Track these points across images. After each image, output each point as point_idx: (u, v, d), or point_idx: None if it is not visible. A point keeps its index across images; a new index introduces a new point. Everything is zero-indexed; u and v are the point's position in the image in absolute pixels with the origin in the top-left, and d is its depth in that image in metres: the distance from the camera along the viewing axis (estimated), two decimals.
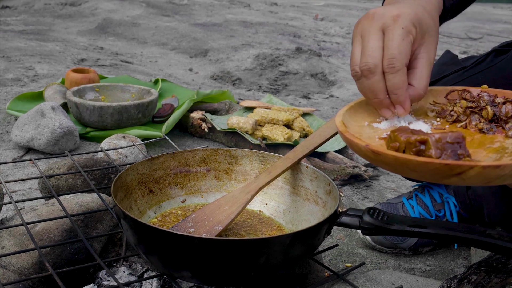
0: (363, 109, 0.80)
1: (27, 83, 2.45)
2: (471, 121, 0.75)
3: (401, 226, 0.77)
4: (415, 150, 0.61)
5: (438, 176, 0.58)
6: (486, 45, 4.56)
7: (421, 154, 0.60)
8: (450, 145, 0.60)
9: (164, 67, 3.27)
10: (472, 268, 0.82)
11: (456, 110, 0.77)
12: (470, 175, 0.57)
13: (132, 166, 0.96)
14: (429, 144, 0.60)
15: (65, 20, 4.64)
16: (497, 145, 0.68)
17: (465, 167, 0.56)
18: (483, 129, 0.73)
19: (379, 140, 0.72)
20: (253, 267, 0.76)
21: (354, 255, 1.28)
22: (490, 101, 0.75)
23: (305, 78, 3.23)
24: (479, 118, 0.75)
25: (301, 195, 0.98)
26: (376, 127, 0.76)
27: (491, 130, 0.72)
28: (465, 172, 0.56)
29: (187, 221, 0.91)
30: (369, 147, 0.63)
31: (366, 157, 0.66)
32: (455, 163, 0.57)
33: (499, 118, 0.74)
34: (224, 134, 1.92)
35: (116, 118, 1.86)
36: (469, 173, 0.56)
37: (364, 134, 0.74)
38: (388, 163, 0.62)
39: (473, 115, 0.75)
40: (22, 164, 1.65)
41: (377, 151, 0.62)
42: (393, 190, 1.67)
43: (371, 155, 0.63)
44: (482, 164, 0.56)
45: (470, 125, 0.75)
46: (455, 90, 0.81)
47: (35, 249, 0.84)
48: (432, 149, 0.60)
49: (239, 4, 5.97)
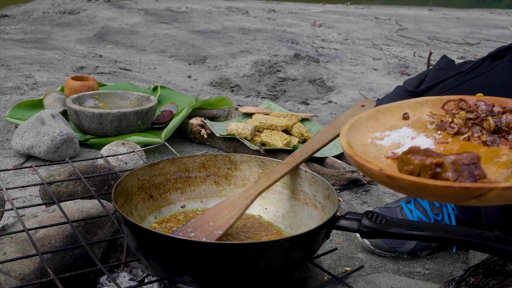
0: (362, 126, 0.80)
1: (26, 91, 2.46)
2: (474, 134, 0.74)
3: (399, 229, 0.78)
4: (431, 173, 0.60)
5: (457, 199, 0.58)
6: (483, 50, 4.58)
7: (438, 177, 0.59)
8: (467, 167, 0.59)
9: (163, 74, 3.28)
10: (470, 271, 0.83)
11: (456, 122, 0.76)
12: (490, 197, 0.56)
13: (132, 172, 0.96)
14: (445, 167, 0.59)
15: (64, 28, 4.66)
16: (504, 159, 0.67)
17: (485, 190, 0.55)
18: (487, 141, 0.72)
19: (386, 160, 0.71)
20: (253, 271, 0.77)
21: (353, 259, 1.28)
22: (488, 111, 0.75)
23: (303, 84, 3.24)
24: (480, 130, 0.74)
25: (300, 200, 0.99)
26: (379, 145, 0.75)
27: (495, 142, 0.72)
28: (485, 194, 0.56)
29: (187, 226, 0.91)
30: (383, 172, 0.61)
31: (379, 181, 0.64)
32: (474, 186, 0.56)
33: (501, 128, 0.73)
34: (223, 140, 1.93)
35: (116, 125, 1.87)
36: (488, 195, 0.56)
37: (370, 153, 0.73)
38: (404, 187, 0.61)
39: (474, 126, 0.75)
40: (23, 171, 1.65)
41: (392, 176, 0.61)
42: (392, 195, 1.67)
43: (386, 180, 0.62)
44: (502, 186, 0.55)
45: (473, 137, 0.74)
46: (451, 100, 0.81)
47: (37, 255, 0.85)
48: (449, 171, 0.59)
49: (237, 11, 5.99)
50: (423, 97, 0.85)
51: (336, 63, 3.79)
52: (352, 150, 0.70)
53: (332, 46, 4.38)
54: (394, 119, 0.82)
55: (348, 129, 0.76)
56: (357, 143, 0.75)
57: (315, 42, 4.50)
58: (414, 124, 0.81)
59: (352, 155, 0.68)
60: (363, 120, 0.80)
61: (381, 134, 0.79)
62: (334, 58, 3.95)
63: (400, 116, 0.82)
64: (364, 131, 0.78)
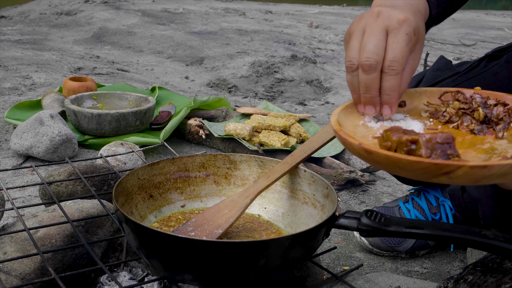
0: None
1: (24, 92, 2.46)
2: (463, 122, 0.77)
3: (398, 228, 0.79)
4: (406, 149, 0.62)
5: (427, 175, 0.60)
6: (479, 51, 4.60)
7: (412, 153, 0.62)
8: (440, 145, 0.61)
9: (161, 75, 3.29)
10: (468, 269, 0.84)
11: (448, 111, 0.78)
12: (458, 174, 0.58)
13: (133, 172, 0.97)
14: (419, 144, 0.61)
15: (61, 29, 4.66)
16: (487, 146, 0.69)
17: (453, 167, 0.58)
18: (474, 130, 0.74)
19: (373, 139, 0.73)
20: (253, 269, 0.77)
21: (352, 259, 1.29)
22: (482, 103, 0.77)
23: (300, 85, 3.25)
24: (470, 119, 0.76)
25: (299, 199, 1.00)
26: (370, 126, 0.77)
27: (482, 131, 0.74)
28: (453, 171, 0.58)
29: (187, 225, 0.92)
30: (362, 145, 0.64)
31: (359, 156, 0.67)
32: (443, 162, 0.58)
33: (490, 119, 0.75)
34: (222, 141, 1.93)
35: (114, 125, 1.87)
36: (457, 172, 0.58)
37: (358, 133, 0.75)
38: (380, 161, 0.63)
39: (465, 116, 0.77)
40: (22, 172, 1.66)
41: (370, 150, 0.64)
42: (390, 195, 1.68)
43: (364, 154, 0.65)
44: (470, 164, 0.58)
45: (462, 126, 0.76)
46: (448, 92, 0.83)
47: (38, 254, 0.85)
48: (423, 148, 0.61)
49: (234, 13, 6.00)
50: (423, 87, 0.86)
51: (333, 64, 3.80)
52: (339, 126, 0.72)
53: (329, 47, 4.39)
54: None
55: (341, 109, 0.78)
56: (348, 123, 0.76)
57: (312, 43, 4.52)
58: (410, 111, 0.82)
59: (337, 130, 0.71)
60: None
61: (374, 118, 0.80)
62: (331, 59, 3.96)
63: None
64: (359, 114, 0.80)
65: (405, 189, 1.72)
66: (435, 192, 1.30)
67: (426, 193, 1.31)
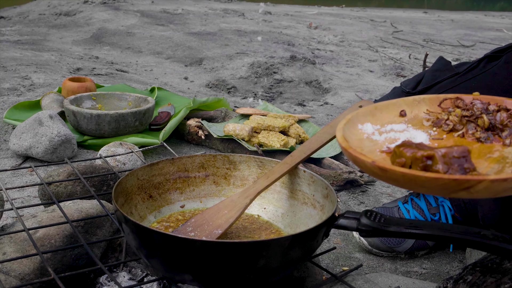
0: (359, 121, 0.81)
1: (23, 93, 2.46)
2: (468, 130, 0.76)
3: (398, 228, 0.79)
4: (422, 165, 0.61)
5: (446, 191, 0.59)
6: (478, 52, 4.60)
7: (428, 169, 0.61)
8: (457, 160, 0.60)
9: (160, 76, 3.29)
10: (468, 269, 0.84)
11: (451, 119, 0.77)
12: (479, 189, 0.57)
13: (132, 172, 0.97)
14: (436, 159, 0.61)
15: (60, 30, 4.66)
16: (496, 155, 0.69)
17: (474, 182, 0.57)
18: (480, 138, 0.74)
19: (380, 154, 0.72)
20: (253, 270, 0.77)
21: (351, 259, 1.29)
22: (484, 109, 0.76)
23: (299, 85, 3.25)
24: (475, 127, 0.76)
25: (299, 199, 1.00)
26: (375, 140, 0.77)
27: (489, 139, 0.73)
28: (473, 186, 0.57)
29: (187, 225, 0.92)
30: (376, 164, 0.63)
31: (372, 173, 0.66)
32: (463, 178, 0.58)
33: (495, 126, 0.74)
34: (221, 141, 1.93)
35: (114, 126, 1.87)
36: (477, 187, 0.57)
37: (365, 148, 0.74)
38: (396, 179, 0.62)
39: (469, 124, 0.76)
40: (21, 172, 1.65)
41: (384, 168, 0.62)
42: (389, 195, 1.68)
43: (378, 172, 0.64)
44: (491, 178, 0.57)
45: (467, 134, 0.75)
46: (448, 98, 0.82)
47: (37, 254, 0.85)
48: (439, 164, 0.60)
49: (233, 13, 6.00)
50: (421, 95, 0.86)
51: (332, 65, 3.80)
52: (347, 143, 0.71)
53: (328, 48, 4.40)
54: (391, 116, 0.83)
55: (345, 124, 0.77)
56: (353, 138, 0.76)
57: (311, 44, 4.52)
58: (411, 121, 0.82)
59: (347, 147, 0.70)
60: (360, 116, 0.81)
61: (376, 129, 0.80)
62: (330, 60, 3.96)
63: (397, 113, 0.83)
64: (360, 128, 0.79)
65: (404, 190, 1.72)
66: None
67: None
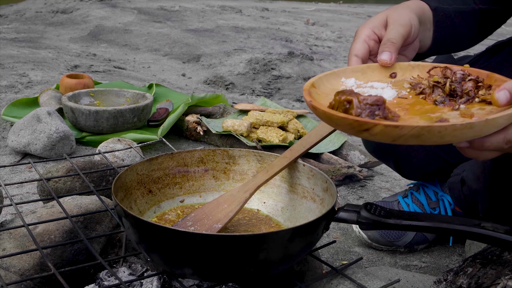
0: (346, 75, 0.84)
1: (21, 90, 2.46)
2: (432, 94, 0.79)
3: (398, 221, 0.79)
4: (343, 108, 0.69)
5: (353, 130, 0.67)
6: (477, 47, 4.59)
7: (347, 112, 0.68)
8: (370, 106, 0.68)
9: (157, 73, 3.28)
10: (468, 261, 0.84)
11: (424, 83, 0.81)
12: (376, 131, 0.65)
13: (132, 167, 0.97)
14: (352, 104, 0.68)
15: (57, 27, 4.65)
16: (436, 115, 0.72)
17: (371, 124, 0.65)
18: (436, 101, 0.78)
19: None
20: (254, 263, 0.77)
21: (351, 253, 1.29)
22: (461, 78, 0.78)
23: (297, 81, 3.25)
24: (441, 92, 0.79)
25: (299, 193, 1.00)
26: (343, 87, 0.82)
27: (444, 102, 0.77)
28: (371, 128, 0.65)
29: (187, 220, 0.92)
30: (311, 102, 0.72)
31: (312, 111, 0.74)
32: (363, 120, 0.65)
33: (456, 93, 0.77)
34: (219, 137, 1.93)
35: (112, 122, 1.86)
36: (374, 129, 0.64)
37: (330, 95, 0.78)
38: (321, 117, 0.72)
39: (436, 88, 0.80)
40: (19, 169, 1.65)
41: (314, 106, 0.71)
42: (388, 190, 1.69)
43: (312, 109, 0.73)
44: (384, 123, 0.64)
45: (429, 97, 0.79)
46: (438, 67, 0.84)
47: (37, 249, 0.85)
48: (354, 108, 0.68)
49: (231, 10, 5.99)
50: (416, 61, 0.88)
51: (330, 61, 3.80)
52: (308, 86, 0.78)
53: (325, 44, 4.39)
54: (381, 76, 0.86)
55: (326, 74, 0.83)
56: (327, 86, 0.81)
57: (309, 40, 4.51)
58: (395, 82, 0.84)
59: (304, 89, 0.78)
60: (348, 71, 0.85)
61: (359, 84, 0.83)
62: (328, 56, 3.96)
63: (388, 74, 0.86)
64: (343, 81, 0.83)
65: (403, 184, 1.72)
66: (434, 187, 1.30)
67: (425, 188, 1.31)
